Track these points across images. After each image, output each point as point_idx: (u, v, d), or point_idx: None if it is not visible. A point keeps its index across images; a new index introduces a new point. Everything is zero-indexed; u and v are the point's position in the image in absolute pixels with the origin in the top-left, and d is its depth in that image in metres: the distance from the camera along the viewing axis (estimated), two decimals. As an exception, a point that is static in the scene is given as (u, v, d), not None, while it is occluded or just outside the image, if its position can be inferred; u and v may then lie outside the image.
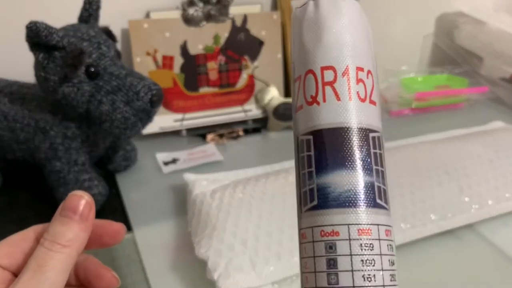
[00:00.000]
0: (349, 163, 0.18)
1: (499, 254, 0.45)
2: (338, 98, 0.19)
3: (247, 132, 0.73)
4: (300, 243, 0.19)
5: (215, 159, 0.63)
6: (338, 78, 0.19)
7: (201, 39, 0.70)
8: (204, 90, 0.72)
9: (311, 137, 0.19)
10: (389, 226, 0.19)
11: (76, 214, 0.24)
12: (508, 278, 0.42)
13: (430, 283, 0.41)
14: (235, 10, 0.71)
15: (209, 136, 0.70)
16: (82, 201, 0.24)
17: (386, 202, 0.19)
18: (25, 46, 0.45)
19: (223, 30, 0.71)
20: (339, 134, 0.19)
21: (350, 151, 0.18)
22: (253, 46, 0.73)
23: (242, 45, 0.72)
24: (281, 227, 0.42)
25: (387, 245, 0.18)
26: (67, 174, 0.50)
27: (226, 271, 0.38)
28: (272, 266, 0.39)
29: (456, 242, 0.46)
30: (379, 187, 0.18)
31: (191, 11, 0.68)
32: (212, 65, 0.72)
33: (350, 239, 0.17)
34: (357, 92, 0.19)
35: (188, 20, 0.68)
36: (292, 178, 0.48)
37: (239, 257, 0.39)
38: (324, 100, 0.19)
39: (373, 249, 0.17)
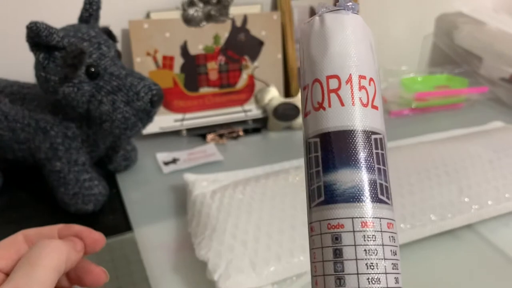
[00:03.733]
0: (353, 162, 0.20)
1: (499, 254, 0.45)
2: (342, 104, 0.21)
3: (247, 132, 0.73)
4: (310, 236, 0.21)
5: (215, 159, 0.63)
6: (342, 86, 0.21)
7: (201, 39, 0.70)
8: (204, 90, 0.72)
9: (318, 139, 0.21)
10: (391, 219, 0.20)
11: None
12: (508, 278, 0.42)
13: (430, 283, 0.41)
14: (235, 10, 0.71)
15: (209, 136, 0.70)
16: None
17: (388, 197, 0.21)
18: (25, 46, 0.45)
19: (223, 30, 0.71)
20: (343, 136, 0.20)
21: (353, 151, 0.20)
22: (253, 46, 0.73)
23: (242, 45, 0.72)
24: (281, 228, 0.42)
25: (389, 237, 0.20)
26: (67, 174, 0.50)
27: (226, 272, 0.38)
28: (272, 267, 0.39)
29: (456, 243, 0.46)
30: (381, 184, 0.20)
31: (191, 11, 0.68)
32: (212, 65, 0.72)
33: (354, 231, 0.19)
34: (360, 98, 0.21)
35: (188, 20, 0.68)
36: (292, 178, 0.48)
37: (239, 258, 0.39)
38: (330, 106, 0.21)
39: (375, 240, 0.19)
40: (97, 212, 0.52)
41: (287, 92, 0.77)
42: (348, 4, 0.22)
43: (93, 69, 0.46)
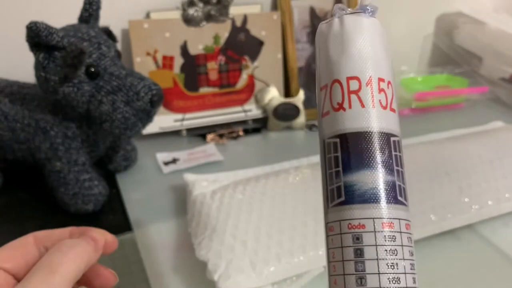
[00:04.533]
0: (374, 163, 0.20)
1: (499, 254, 0.45)
2: (363, 105, 0.21)
3: (247, 132, 0.73)
4: (327, 236, 0.21)
5: (215, 159, 0.63)
6: (362, 87, 0.21)
7: (201, 39, 0.70)
8: (204, 90, 0.72)
9: (338, 140, 0.21)
10: (409, 220, 0.21)
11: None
12: (508, 278, 0.42)
13: (430, 283, 0.41)
14: (235, 10, 0.71)
15: (209, 136, 0.70)
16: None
17: (405, 199, 0.21)
18: (25, 46, 0.45)
19: (223, 30, 0.71)
20: (364, 138, 0.21)
21: (374, 153, 0.21)
22: (253, 46, 0.73)
23: (242, 45, 0.72)
24: (281, 228, 0.42)
25: (407, 238, 0.20)
26: (67, 174, 0.50)
27: (226, 272, 0.38)
28: (272, 267, 0.39)
29: (456, 243, 0.46)
30: (399, 186, 0.21)
31: (191, 11, 0.68)
32: (212, 65, 0.72)
33: (375, 231, 0.19)
34: (379, 100, 0.21)
35: (188, 20, 0.68)
36: (292, 178, 0.48)
37: (239, 258, 0.39)
38: (350, 107, 0.21)
39: (395, 241, 0.20)
40: (97, 212, 0.52)
41: (287, 92, 0.77)
42: (368, 7, 0.22)
43: (93, 69, 0.46)
